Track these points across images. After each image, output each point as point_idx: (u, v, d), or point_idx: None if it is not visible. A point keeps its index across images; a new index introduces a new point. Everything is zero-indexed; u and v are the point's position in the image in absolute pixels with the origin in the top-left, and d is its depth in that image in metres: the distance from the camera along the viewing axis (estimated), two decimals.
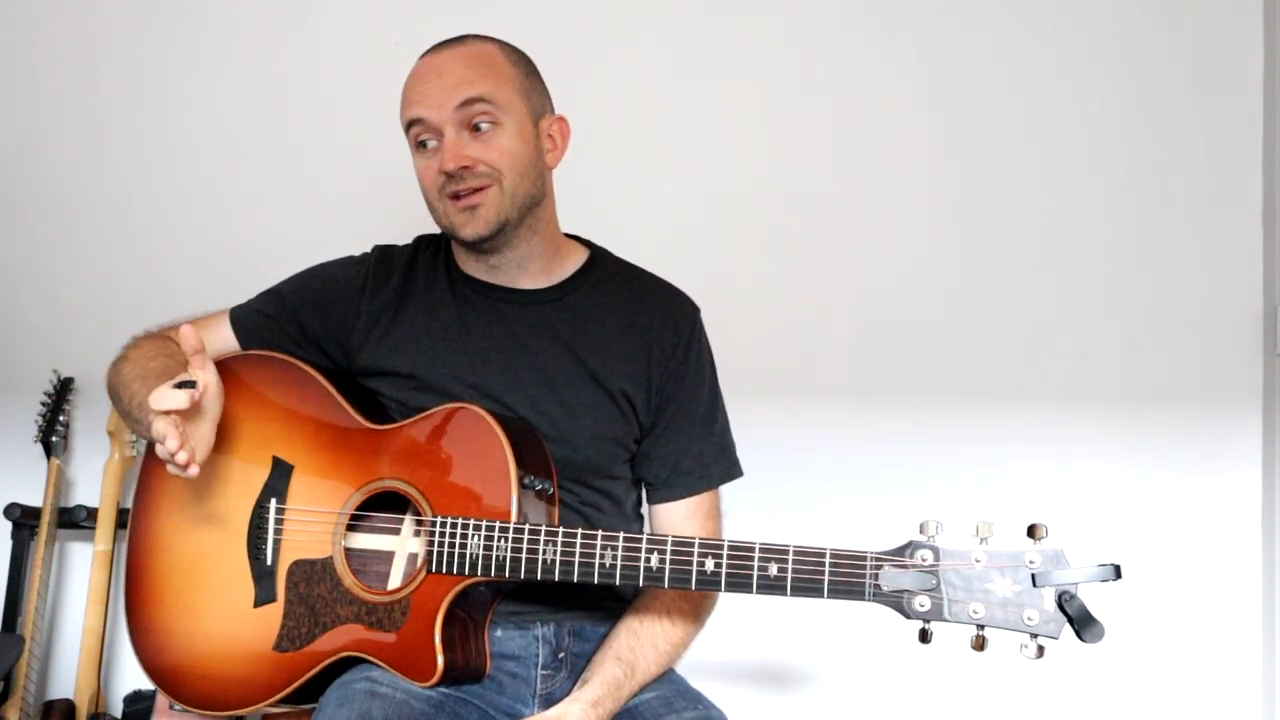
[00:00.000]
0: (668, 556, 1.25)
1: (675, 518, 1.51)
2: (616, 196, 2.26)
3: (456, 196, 1.41)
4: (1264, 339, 2.21)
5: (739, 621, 2.19)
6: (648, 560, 1.25)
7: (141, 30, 2.32)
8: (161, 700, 2.03)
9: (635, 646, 1.42)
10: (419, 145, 1.44)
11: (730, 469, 1.55)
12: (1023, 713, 2.19)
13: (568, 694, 1.41)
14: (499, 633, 1.44)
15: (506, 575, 1.29)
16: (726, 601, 1.42)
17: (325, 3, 2.33)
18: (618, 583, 1.27)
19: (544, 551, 1.28)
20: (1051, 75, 2.27)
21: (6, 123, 2.32)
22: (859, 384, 2.27)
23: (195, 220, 2.30)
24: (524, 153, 1.43)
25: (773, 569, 1.21)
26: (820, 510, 2.22)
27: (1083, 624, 1.11)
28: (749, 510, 2.13)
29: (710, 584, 1.24)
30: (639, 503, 1.59)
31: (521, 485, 1.32)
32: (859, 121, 2.29)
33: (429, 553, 1.32)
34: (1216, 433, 2.22)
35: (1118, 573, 1.13)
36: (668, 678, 1.47)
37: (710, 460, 1.52)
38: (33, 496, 2.18)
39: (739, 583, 1.23)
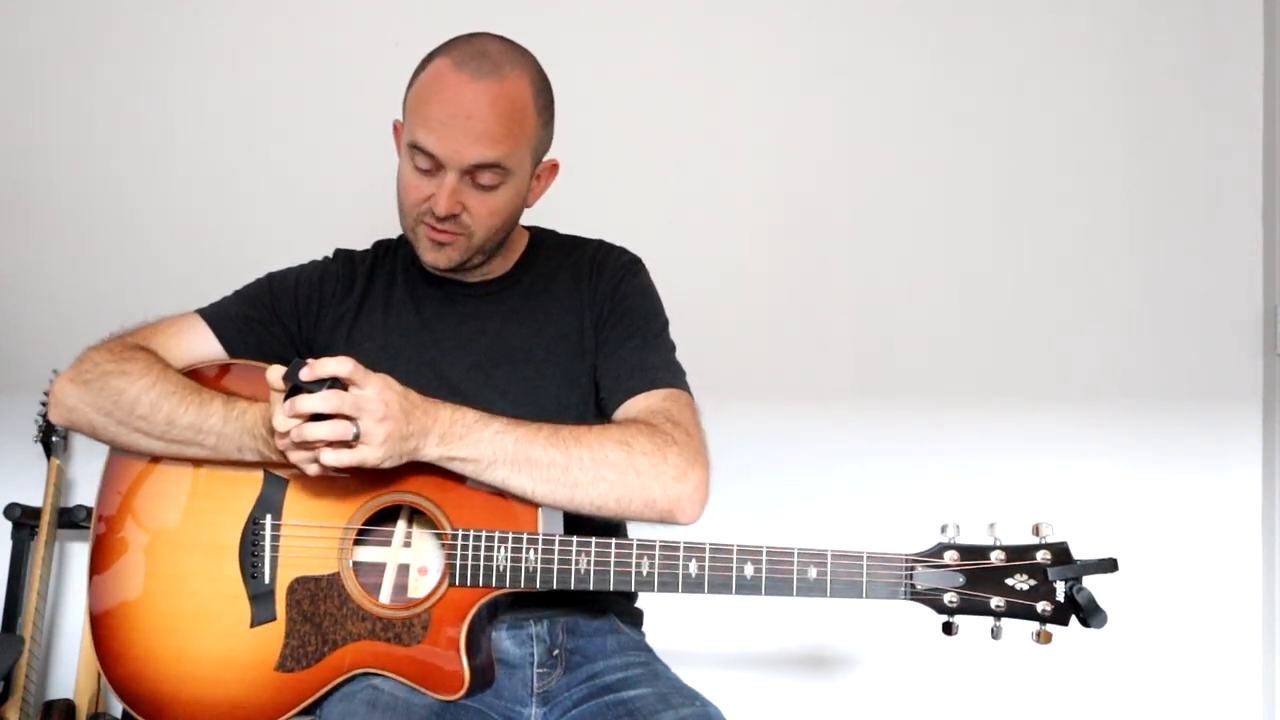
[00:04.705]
0: (706, 563, 1.26)
1: (630, 412, 1.42)
2: (617, 197, 2.25)
3: (431, 226, 1.41)
4: (1264, 339, 2.22)
5: (742, 612, 2.20)
6: (686, 567, 1.27)
7: (140, 30, 2.30)
8: None
9: None
10: (414, 164, 1.39)
11: (683, 380, 1.46)
12: (1024, 711, 2.20)
13: (565, 691, 1.42)
14: (492, 634, 1.43)
15: (538, 585, 1.29)
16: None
17: (325, 2, 2.33)
18: (655, 590, 1.28)
19: (576, 561, 1.29)
20: (1052, 75, 2.27)
21: (6, 123, 2.31)
22: (860, 383, 2.27)
23: (195, 220, 2.29)
24: (511, 206, 1.44)
25: (812, 572, 1.25)
26: (821, 509, 2.23)
27: (1090, 612, 1.21)
28: (751, 509, 2.14)
29: (750, 589, 1.26)
30: None
31: None
32: (861, 122, 2.29)
33: (449, 566, 1.31)
34: (1216, 433, 2.23)
35: (1114, 565, 1.24)
36: (664, 676, 1.46)
37: (660, 366, 1.45)
38: (33, 496, 2.17)
39: (779, 586, 1.26)
